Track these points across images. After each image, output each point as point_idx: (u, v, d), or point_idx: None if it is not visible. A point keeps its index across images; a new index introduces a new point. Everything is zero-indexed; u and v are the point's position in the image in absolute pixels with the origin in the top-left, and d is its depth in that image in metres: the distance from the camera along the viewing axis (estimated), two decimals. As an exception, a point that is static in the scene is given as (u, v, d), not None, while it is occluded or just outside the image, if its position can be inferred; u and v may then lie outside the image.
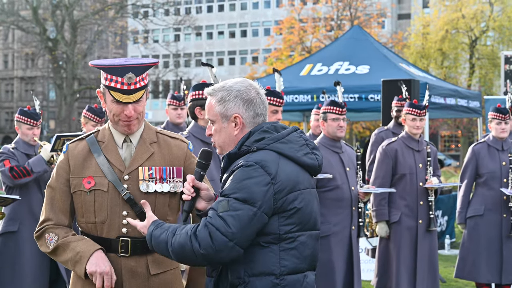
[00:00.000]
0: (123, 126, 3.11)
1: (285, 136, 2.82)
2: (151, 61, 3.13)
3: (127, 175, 3.10)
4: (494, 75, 34.74)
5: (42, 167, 6.02)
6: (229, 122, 2.86)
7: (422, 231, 6.45)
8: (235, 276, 2.74)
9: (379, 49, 12.77)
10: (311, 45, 38.68)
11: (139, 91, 3.05)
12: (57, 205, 3.16)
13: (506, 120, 6.91)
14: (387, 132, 7.87)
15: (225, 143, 2.89)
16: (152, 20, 40.41)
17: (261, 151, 2.76)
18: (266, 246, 2.72)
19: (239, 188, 2.67)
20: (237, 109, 2.84)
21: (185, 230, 2.71)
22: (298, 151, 2.81)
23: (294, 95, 11.21)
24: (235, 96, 2.84)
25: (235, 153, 2.81)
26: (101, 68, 3.07)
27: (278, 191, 2.70)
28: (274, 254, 2.72)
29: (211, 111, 2.89)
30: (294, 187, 2.74)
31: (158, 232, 2.80)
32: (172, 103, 7.36)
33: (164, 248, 2.76)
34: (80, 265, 3.04)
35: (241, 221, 2.64)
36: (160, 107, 60.06)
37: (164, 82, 52.88)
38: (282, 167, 2.74)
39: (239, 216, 2.64)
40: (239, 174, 2.71)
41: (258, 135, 2.81)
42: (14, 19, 39.09)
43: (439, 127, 42.61)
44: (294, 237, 2.75)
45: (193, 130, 4.66)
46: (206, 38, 65.29)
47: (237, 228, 2.63)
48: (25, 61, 64.53)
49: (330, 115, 5.84)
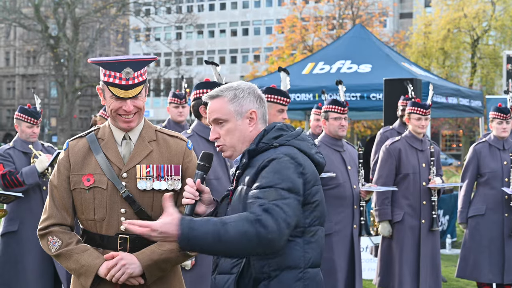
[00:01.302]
0: (122, 122, 3.12)
1: (300, 133, 2.89)
2: (149, 56, 3.14)
3: (125, 172, 3.11)
4: (496, 74, 34.75)
5: (35, 179, 5.92)
6: (243, 118, 2.86)
7: (425, 231, 6.45)
8: (259, 271, 2.71)
9: (381, 48, 12.76)
10: (313, 44, 38.70)
11: (137, 86, 3.06)
12: (59, 202, 3.17)
13: (507, 119, 6.90)
14: (392, 132, 7.86)
15: (238, 142, 2.87)
16: (154, 18, 40.43)
17: (283, 146, 2.80)
18: (291, 239, 2.71)
19: (281, 179, 2.67)
20: (252, 105, 2.87)
21: (241, 217, 2.56)
22: (311, 149, 2.87)
23: (296, 93, 11.21)
24: (248, 93, 2.88)
25: (254, 150, 2.81)
26: (99, 64, 3.09)
27: (306, 182, 2.73)
28: (300, 247, 2.73)
29: (222, 110, 2.86)
30: (316, 181, 2.79)
31: (197, 224, 2.55)
32: (174, 101, 7.34)
33: (213, 241, 2.53)
34: (84, 278, 3.06)
35: (292, 209, 2.64)
36: (162, 105, 60.11)
37: (166, 80, 52.90)
38: (306, 161, 2.79)
39: (290, 204, 2.63)
40: (276, 166, 2.71)
41: (275, 133, 2.85)
42: (16, 17, 39.12)
43: (441, 126, 42.64)
44: (315, 230, 2.78)
45: (197, 129, 4.65)
46: (208, 36, 65.30)
47: (291, 215, 2.62)
48: (27, 59, 64.60)
49: (331, 114, 5.85)
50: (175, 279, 3.24)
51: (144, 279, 3.08)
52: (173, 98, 7.36)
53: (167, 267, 3.12)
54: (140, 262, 3.04)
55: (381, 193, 6.46)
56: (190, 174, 3.18)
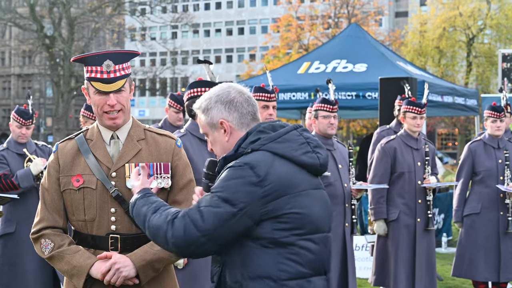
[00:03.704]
0: (108, 119, 3.12)
1: (282, 135, 2.70)
2: (130, 50, 3.15)
3: (114, 172, 3.11)
4: (491, 73, 34.75)
5: (30, 182, 5.91)
6: (217, 130, 2.77)
7: (420, 230, 6.46)
8: (233, 280, 2.65)
9: (377, 47, 12.77)
10: (309, 43, 38.65)
11: (119, 79, 3.07)
12: (50, 205, 3.17)
13: (502, 118, 6.91)
14: (389, 131, 7.87)
15: (222, 153, 2.79)
16: (150, 17, 40.33)
17: (255, 152, 2.65)
18: (262, 249, 2.61)
19: (224, 187, 2.59)
20: (220, 114, 2.75)
21: (166, 213, 2.67)
22: (296, 150, 2.68)
23: (291, 93, 11.22)
24: (215, 102, 2.76)
25: (231, 156, 2.70)
26: (80, 60, 3.10)
27: (267, 194, 2.58)
28: (271, 257, 2.61)
29: (201, 124, 2.83)
30: (287, 190, 2.61)
31: (142, 202, 2.79)
32: (175, 106, 7.22)
33: (141, 221, 2.75)
34: (77, 279, 3.06)
35: (218, 219, 2.56)
36: (157, 104, 60.04)
37: (161, 80, 52.81)
38: (276, 168, 2.62)
39: (217, 214, 2.56)
40: (228, 173, 2.62)
41: (254, 136, 2.70)
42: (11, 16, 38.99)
43: (436, 125, 42.67)
44: (292, 241, 2.62)
45: (190, 128, 4.65)
46: (204, 35, 65.22)
47: (212, 224, 2.56)
48: (22, 58, 64.42)
49: (321, 112, 5.89)
50: (168, 278, 3.24)
51: (139, 279, 3.08)
52: (174, 103, 7.25)
53: (161, 267, 3.12)
54: (134, 263, 3.04)
55: (377, 191, 6.47)
56: (179, 172, 3.19)
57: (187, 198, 3.20)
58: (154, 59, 60.85)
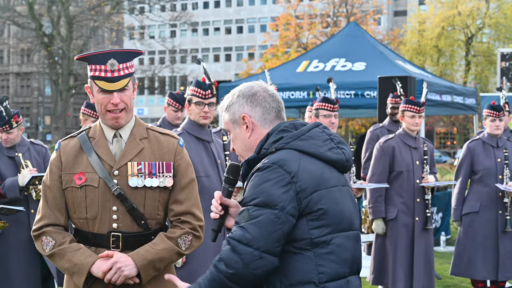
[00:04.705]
0: (111, 118, 3.12)
1: (305, 132, 2.65)
2: (134, 49, 3.16)
3: (117, 170, 3.11)
4: (490, 72, 34.78)
5: (16, 194, 5.77)
6: (240, 126, 2.73)
7: (419, 229, 6.46)
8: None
9: (376, 46, 12.77)
10: (307, 42, 38.67)
11: (123, 78, 3.07)
12: (52, 203, 3.17)
13: (500, 117, 6.92)
14: (382, 130, 7.87)
15: (243, 150, 2.75)
16: (148, 16, 40.33)
17: (280, 151, 2.60)
18: (299, 252, 2.53)
19: (258, 193, 2.51)
20: (242, 109, 2.71)
21: (209, 268, 2.53)
22: (321, 147, 2.63)
23: (290, 91, 11.21)
24: (237, 97, 2.73)
25: (254, 159, 2.65)
26: (84, 58, 3.11)
27: (300, 190, 2.52)
28: (310, 261, 2.53)
29: (224, 121, 2.78)
30: (318, 186, 2.56)
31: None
32: (174, 104, 7.16)
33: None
34: (77, 277, 3.06)
35: (263, 227, 2.46)
36: (156, 103, 60.03)
37: (160, 78, 52.79)
38: (304, 165, 2.56)
39: (261, 222, 2.47)
40: (256, 179, 2.55)
41: (276, 136, 2.64)
42: (9, 15, 38.97)
43: (435, 124, 42.72)
44: (327, 240, 2.55)
45: (186, 127, 4.67)
46: (202, 34, 65.21)
47: (259, 234, 2.46)
48: (21, 57, 64.39)
49: (321, 111, 5.88)
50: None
51: (139, 279, 3.08)
52: (173, 102, 7.20)
53: (162, 266, 3.13)
54: (135, 263, 3.04)
55: (375, 190, 6.47)
56: (181, 171, 3.19)
57: (189, 198, 3.20)
58: (153, 57, 60.85)
